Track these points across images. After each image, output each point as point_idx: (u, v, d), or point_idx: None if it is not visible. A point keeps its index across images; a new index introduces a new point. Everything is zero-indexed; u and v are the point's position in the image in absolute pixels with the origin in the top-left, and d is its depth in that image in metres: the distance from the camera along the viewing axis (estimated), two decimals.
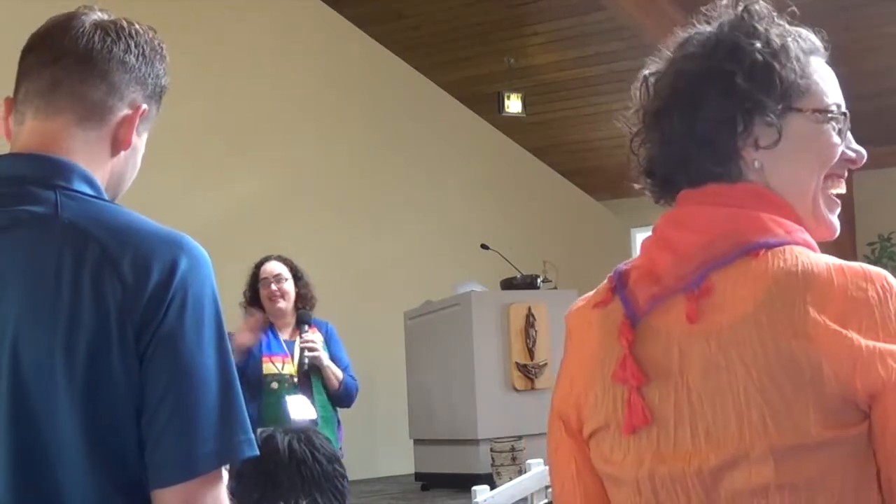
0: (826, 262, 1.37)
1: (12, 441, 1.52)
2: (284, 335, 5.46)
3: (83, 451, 1.51)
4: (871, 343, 1.31)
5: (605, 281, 1.50)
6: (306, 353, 5.34)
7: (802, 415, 1.32)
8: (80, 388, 1.50)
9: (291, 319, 5.52)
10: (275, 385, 5.30)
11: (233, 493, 2.57)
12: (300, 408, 5.27)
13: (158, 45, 1.72)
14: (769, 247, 1.39)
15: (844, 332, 1.32)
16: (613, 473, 1.43)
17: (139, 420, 1.53)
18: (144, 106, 1.69)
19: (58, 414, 1.51)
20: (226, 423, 1.55)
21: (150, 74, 1.70)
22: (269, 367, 5.33)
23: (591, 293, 1.52)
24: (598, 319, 1.46)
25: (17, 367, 1.52)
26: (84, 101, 1.64)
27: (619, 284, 1.46)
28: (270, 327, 5.46)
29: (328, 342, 5.57)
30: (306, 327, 5.43)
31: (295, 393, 5.31)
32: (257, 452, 1.59)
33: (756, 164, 1.45)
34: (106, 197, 1.65)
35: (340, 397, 5.51)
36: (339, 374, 5.46)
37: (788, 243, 1.39)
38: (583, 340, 1.48)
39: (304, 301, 5.55)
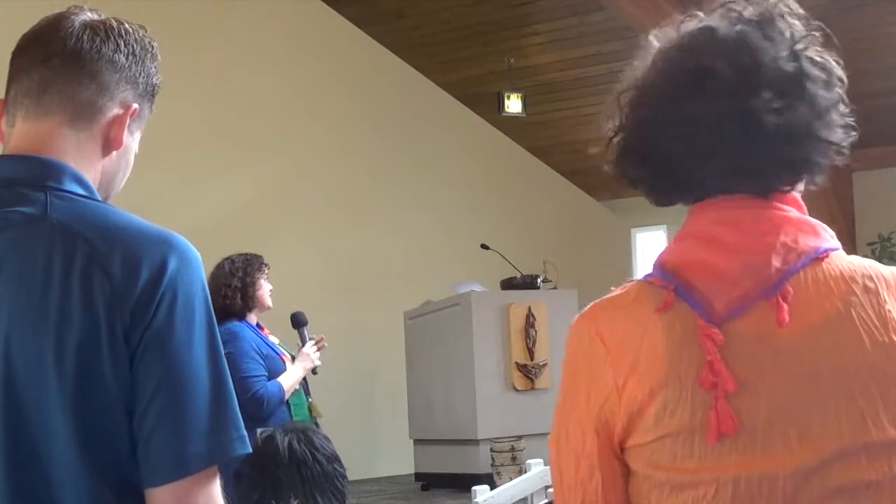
0: (880, 266, 1.44)
1: (5, 441, 1.52)
2: (271, 337, 5.43)
3: (75, 451, 1.51)
4: None
5: (646, 282, 1.45)
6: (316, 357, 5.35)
7: (895, 409, 1.37)
8: (71, 388, 1.50)
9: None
10: (297, 385, 5.29)
11: (232, 493, 2.57)
12: (315, 408, 5.33)
13: (149, 43, 1.71)
14: (831, 251, 1.43)
15: None
16: (677, 479, 1.38)
17: (130, 419, 1.53)
18: (135, 105, 1.69)
19: (49, 414, 1.51)
20: (217, 421, 1.54)
21: (140, 73, 1.69)
22: (297, 366, 5.29)
23: (614, 296, 1.47)
24: (661, 323, 1.40)
25: (8, 368, 1.52)
26: (74, 102, 1.64)
27: (681, 287, 1.42)
28: (250, 324, 5.31)
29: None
30: (304, 329, 5.41)
31: (303, 393, 5.31)
32: (250, 450, 1.59)
33: None
34: (98, 197, 1.64)
35: None
36: None
37: (839, 248, 1.44)
38: (638, 345, 1.41)
39: None
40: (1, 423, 1.53)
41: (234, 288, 5.24)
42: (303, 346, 5.39)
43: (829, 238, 1.44)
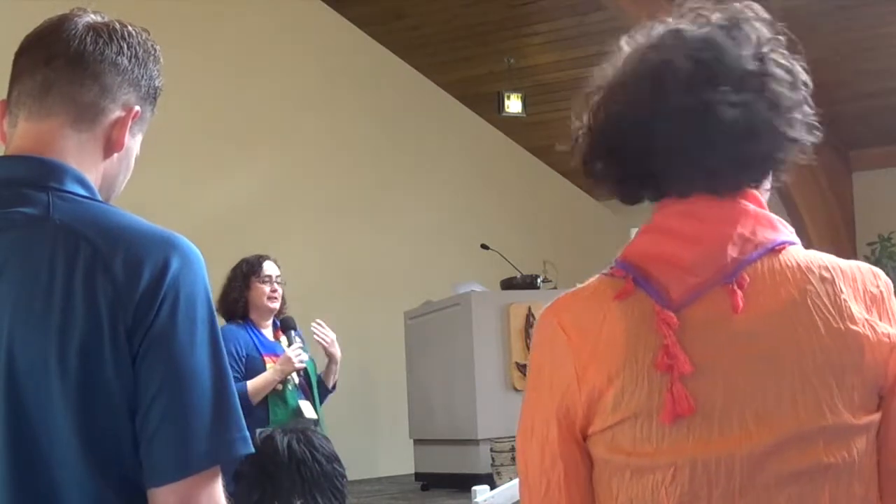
0: (838, 259, 1.46)
1: (8, 441, 1.53)
2: (269, 336, 5.44)
3: (78, 451, 1.51)
4: None
5: (607, 274, 1.49)
6: (301, 357, 5.31)
7: (850, 395, 1.38)
8: (74, 388, 1.51)
9: (270, 322, 5.49)
10: (279, 386, 5.27)
11: (232, 493, 2.57)
12: (310, 411, 5.29)
13: (152, 46, 1.72)
14: (788, 244, 1.46)
15: (878, 322, 1.41)
16: (636, 463, 1.41)
17: (133, 419, 1.53)
18: (137, 108, 1.69)
19: (53, 414, 1.52)
20: (220, 421, 1.55)
21: (143, 76, 1.70)
22: (273, 367, 5.26)
23: (577, 289, 1.51)
24: (619, 311, 1.44)
25: (11, 368, 1.53)
26: (76, 103, 1.64)
27: (640, 277, 1.45)
28: (252, 326, 5.41)
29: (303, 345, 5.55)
30: (293, 333, 5.41)
31: (298, 395, 5.30)
32: (252, 450, 1.59)
33: None
34: (99, 197, 1.64)
35: (327, 394, 5.54)
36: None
37: (798, 243, 1.47)
38: (598, 333, 1.44)
39: (284, 305, 5.54)
40: (4, 424, 1.53)
41: (226, 292, 5.42)
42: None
43: (787, 232, 1.47)
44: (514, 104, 10.86)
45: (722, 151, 1.45)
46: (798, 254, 1.45)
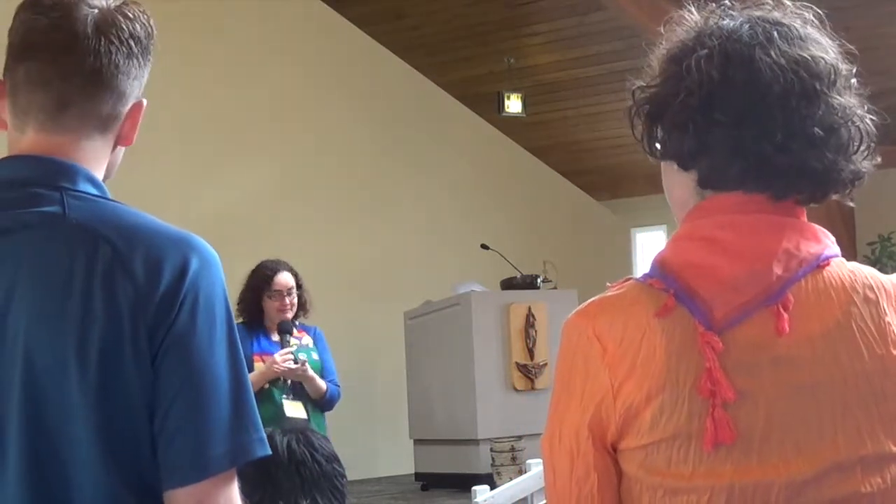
0: (881, 276, 1.44)
1: (26, 442, 1.52)
2: (275, 338, 5.45)
3: (96, 452, 1.51)
4: None
5: (645, 283, 1.43)
6: (288, 370, 5.30)
7: (891, 423, 1.37)
8: (93, 389, 1.50)
9: None
10: (266, 385, 5.30)
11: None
12: (295, 410, 5.29)
13: (148, 22, 1.68)
14: (832, 258, 1.43)
15: None
16: (671, 484, 1.38)
17: (152, 420, 1.53)
18: (145, 101, 1.68)
19: (71, 415, 1.51)
20: (238, 422, 1.54)
21: (146, 64, 1.67)
22: (259, 367, 5.31)
23: (612, 295, 1.45)
24: (660, 328, 1.39)
25: (29, 369, 1.52)
26: (94, 116, 1.63)
27: (682, 291, 1.40)
28: (261, 328, 5.46)
29: (316, 347, 5.54)
30: (288, 337, 5.42)
31: (286, 394, 5.30)
32: (269, 452, 1.58)
33: None
34: (110, 196, 1.64)
35: (323, 405, 5.51)
36: (323, 384, 5.44)
37: (839, 254, 1.44)
38: (636, 349, 1.39)
39: (302, 308, 5.54)
40: (21, 425, 1.52)
41: (242, 297, 5.46)
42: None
43: (830, 244, 1.44)
44: (514, 104, 10.86)
45: (801, 159, 1.41)
46: (842, 270, 1.42)
